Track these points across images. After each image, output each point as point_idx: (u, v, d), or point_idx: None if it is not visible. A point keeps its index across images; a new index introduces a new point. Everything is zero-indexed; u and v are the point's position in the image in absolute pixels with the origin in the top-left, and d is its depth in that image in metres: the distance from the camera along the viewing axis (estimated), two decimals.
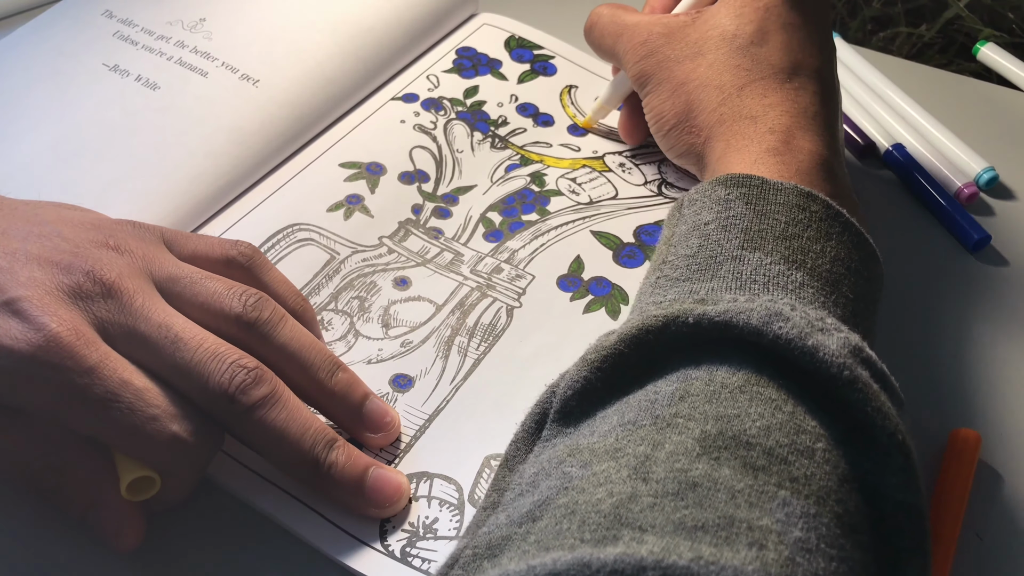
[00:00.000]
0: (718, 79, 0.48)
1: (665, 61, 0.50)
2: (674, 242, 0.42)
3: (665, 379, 0.35)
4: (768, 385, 0.34)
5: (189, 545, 0.42)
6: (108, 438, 0.38)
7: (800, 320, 0.35)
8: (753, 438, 0.32)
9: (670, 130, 0.50)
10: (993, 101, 0.64)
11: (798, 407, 0.34)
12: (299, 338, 0.42)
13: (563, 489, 0.32)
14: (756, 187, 0.42)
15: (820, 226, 0.41)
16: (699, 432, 0.32)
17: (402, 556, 0.40)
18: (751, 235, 0.40)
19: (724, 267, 0.39)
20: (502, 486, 0.36)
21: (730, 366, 0.35)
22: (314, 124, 0.57)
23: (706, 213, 0.42)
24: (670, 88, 0.50)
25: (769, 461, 0.32)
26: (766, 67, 0.48)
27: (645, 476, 0.31)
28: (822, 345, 0.34)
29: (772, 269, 0.39)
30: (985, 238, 0.55)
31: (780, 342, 0.34)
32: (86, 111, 0.55)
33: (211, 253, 0.44)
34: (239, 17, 0.60)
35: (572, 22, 0.66)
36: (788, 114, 0.46)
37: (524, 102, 0.60)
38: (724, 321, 0.35)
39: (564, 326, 0.48)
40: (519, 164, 0.56)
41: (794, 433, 0.33)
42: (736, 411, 0.33)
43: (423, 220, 0.53)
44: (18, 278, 0.38)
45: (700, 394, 0.34)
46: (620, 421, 0.34)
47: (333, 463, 0.40)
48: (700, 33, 0.50)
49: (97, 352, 0.37)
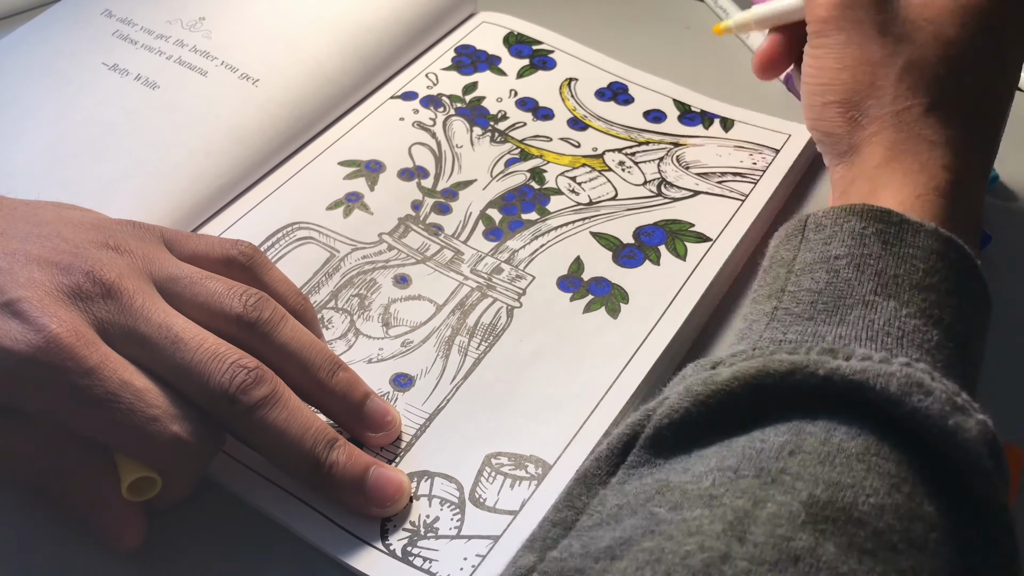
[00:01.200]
0: (915, 81, 0.43)
1: (866, 21, 0.44)
2: (796, 270, 0.39)
3: (775, 429, 0.32)
4: (889, 458, 0.31)
5: (189, 545, 0.42)
6: (109, 439, 0.38)
7: (941, 395, 0.32)
8: (864, 515, 0.30)
9: (829, 103, 0.44)
10: None
11: (917, 488, 0.31)
12: (299, 338, 0.42)
13: (649, 532, 0.30)
14: (895, 225, 0.38)
15: (957, 279, 0.38)
16: (807, 496, 0.30)
17: (403, 555, 0.40)
18: (885, 279, 0.37)
19: (854, 312, 0.36)
20: (577, 505, 0.33)
21: (850, 429, 0.32)
22: (314, 123, 0.57)
23: (836, 245, 0.38)
24: (854, 57, 0.44)
25: (877, 546, 0.29)
26: (966, 94, 0.43)
27: (742, 536, 0.29)
28: (961, 428, 0.32)
29: (907, 323, 0.36)
30: (985, 238, 0.55)
31: (918, 416, 0.32)
32: (85, 110, 0.55)
33: (211, 253, 0.44)
34: (238, 16, 0.60)
35: (571, 19, 0.66)
36: (964, 155, 0.42)
37: (524, 96, 0.60)
38: (859, 382, 0.32)
39: (564, 326, 0.48)
40: (519, 159, 0.56)
41: (909, 519, 0.30)
42: (851, 480, 0.30)
43: (423, 216, 0.53)
44: (18, 279, 0.38)
45: (813, 453, 0.31)
46: (719, 465, 0.32)
47: (334, 462, 0.40)
48: (914, 15, 0.44)
49: (97, 353, 0.37)
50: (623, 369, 0.46)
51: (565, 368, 0.46)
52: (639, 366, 0.46)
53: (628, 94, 0.60)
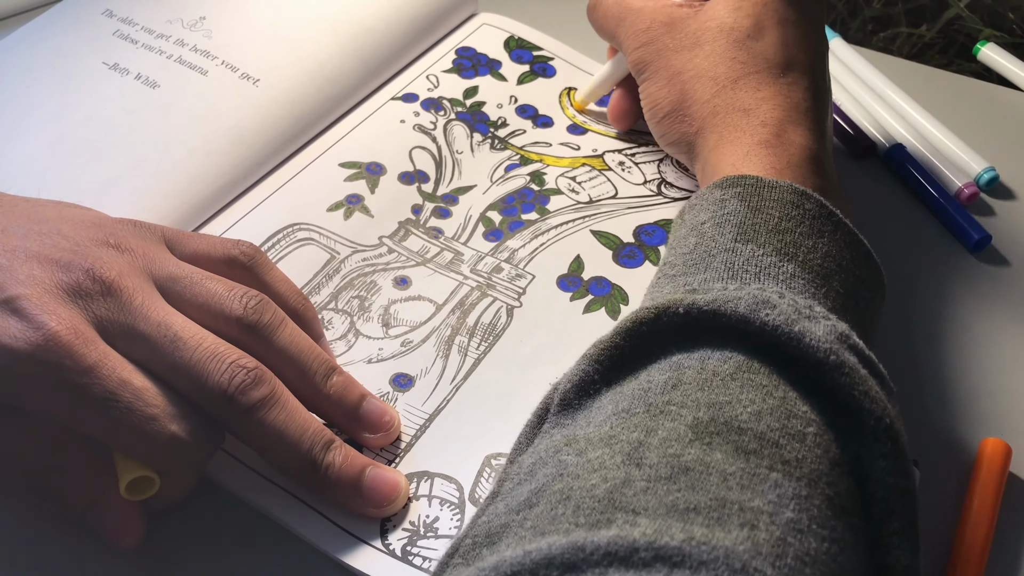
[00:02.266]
0: (713, 70, 0.49)
1: (664, 50, 0.51)
2: (674, 245, 0.43)
3: (658, 368, 0.36)
4: (759, 372, 0.35)
5: (189, 544, 0.42)
6: (107, 437, 0.38)
7: (787, 307, 0.35)
8: (744, 423, 0.33)
9: (663, 118, 0.50)
10: (993, 101, 0.64)
11: (789, 393, 0.34)
12: (298, 342, 0.42)
13: (558, 476, 0.33)
14: (751, 185, 0.42)
15: (813, 223, 0.41)
16: (691, 419, 0.33)
17: (403, 555, 0.40)
18: (744, 228, 0.41)
19: (717, 259, 0.40)
20: (502, 477, 0.37)
21: (721, 354, 0.35)
22: (314, 124, 0.57)
23: (703, 214, 0.42)
24: (666, 77, 0.50)
25: (760, 445, 0.32)
26: (761, 61, 0.48)
27: (638, 461, 0.32)
28: (808, 331, 0.35)
29: (764, 260, 0.39)
30: (986, 238, 0.55)
31: (767, 329, 0.35)
32: (86, 109, 0.55)
33: (212, 252, 0.44)
34: (239, 16, 0.60)
35: (571, 22, 0.66)
36: (781, 108, 0.47)
37: (523, 103, 0.60)
38: (713, 310, 0.36)
39: (564, 326, 0.48)
40: (519, 164, 0.56)
41: (785, 418, 0.33)
42: (727, 398, 0.34)
43: (423, 220, 0.53)
44: (17, 276, 0.38)
45: (692, 382, 0.34)
46: (614, 410, 0.35)
47: (330, 464, 0.40)
48: (699, 24, 0.50)
49: (96, 351, 0.37)
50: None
51: (565, 368, 0.46)
52: None
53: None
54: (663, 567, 0.28)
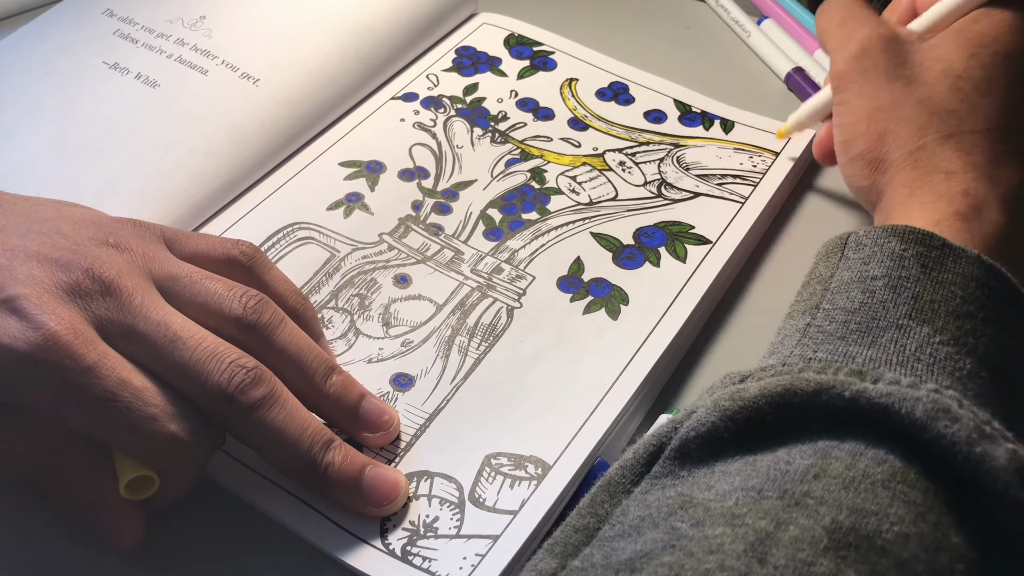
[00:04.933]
0: (925, 119, 0.44)
1: (874, 71, 0.46)
2: (832, 288, 0.39)
3: (800, 450, 0.32)
4: (915, 486, 0.31)
5: (189, 544, 0.42)
6: (107, 437, 0.38)
7: (968, 422, 0.31)
8: (888, 544, 0.29)
9: (856, 156, 0.46)
10: None
11: (944, 518, 0.31)
12: (297, 342, 0.42)
13: (669, 546, 0.30)
14: (936, 249, 0.38)
15: (997, 307, 0.37)
16: (829, 521, 0.29)
17: (403, 554, 0.40)
18: (921, 304, 0.37)
19: (887, 335, 0.36)
20: (600, 513, 0.34)
21: (875, 453, 0.32)
22: (314, 123, 0.57)
23: (875, 266, 0.38)
24: (868, 109, 0.45)
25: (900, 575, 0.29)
26: (982, 120, 0.43)
27: (762, 557, 0.29)
28: (989, 456, 0.31)
29: (940, 351, 0.35)
30: None
31: (943, 442, 0.31)
32: (86, 109, 0.55)
33: (212, 252, 0.44)
34: (239, 15, 0.60)
35: (572, 21, 0.66)
36: (988, 180, 0.42)
37: (524, 97, 0.60)
38: (885, 405, 0.32)
39: (564, 326, 0.48)
40: (519, 159, 0.56)
41: (934, 549, 0.30)
42: (875, 507, 0.30)
43: (423, 216, 0.53)
44: (17, 276, 0.38)
45: (838, 477, 0.31)
46: (743, 485, 0.32)
47: (330, 463, 0.40)
48: (922, 58, 0.45)
49: (95, 351, 0.37)
50: (623, 371, 0.46)
51: (565, 369, 0.46)
52: (638, 368, 0.46)
53: (629, 94, 0.60)
54: None
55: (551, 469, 0.43)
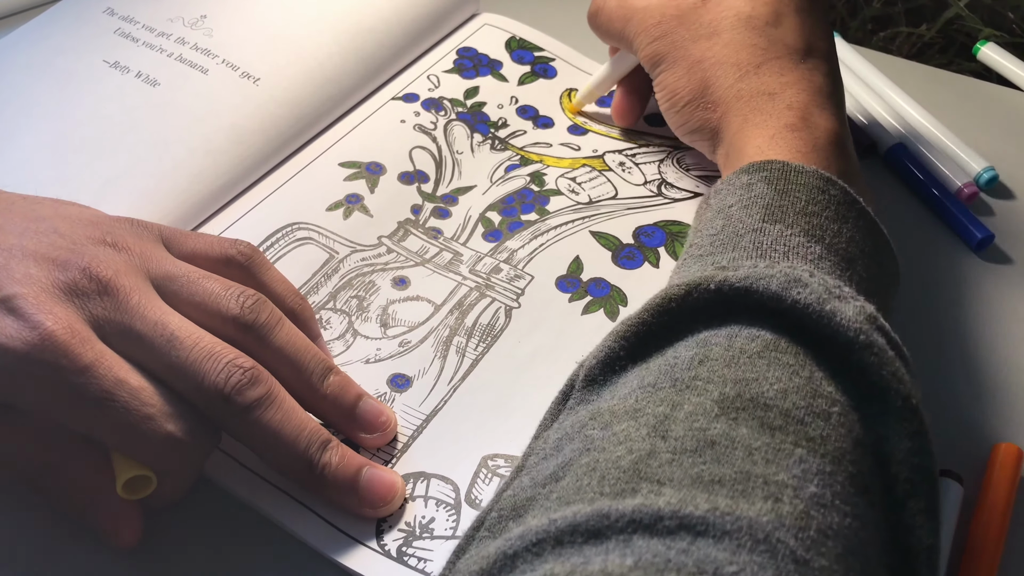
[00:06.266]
0: (735, 57, 0.49)
1: (680, 41, 0.51)
2: (699, 227, 0.44)
3: (685, 345, 0.36)
4: (786, 351, 0.35)
5: (187, 544, 0.42)
6: (104, 437, 0.38)
7: (818, 286, 0.36)
8: (770, 400, 0.33)
9: (684, 106, 0.51)
10: (993, 101, 0.64)
11: (815, 372, 0.35)
12: (294, 342, 0.42)
13: (585, 450, 0.33)
14: (778, 169, 0.43)
15: (838, 209, 0.42)
16: (717, 394, 0.33)
17: (398, 555, 0.40)
18: (772, 210, 0.41)
19: (745, 239, 0.40)
20: (528, 452, 0.37)
21: (749, 332, 0.36)
22: (314, 123, 0.57)
23: (729, 197, 0.43)
24: (685, 66, 0.50)
25: (786, 421, 0.33)
26: (781, 47, 0.49)
27: (664, 434, 0.32)
28: (839, 311, 0.35)
29: (792, 240, 0.40)
30: (988, 237, 0.55)
31: (798, 307, 0.35)
32: (86, 108, 0.55)
33: (210, 252, 0.44)
34: (240, 15, 0.60)
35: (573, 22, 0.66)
36: (805, 92, 0.47)
37: (524, 104, 0.60)
38: (744, 286, 0.36)
39: (562, 327, 0.48)
40: (519, 164, 0.56)
41: (811, 396, 0.34)
42: (754, 375, 0.34)
43: (422, 220, 0.53)
44: (14, 275, 0.38)
45: (719, 359, 0.35)
46: (640, 384, 0.35)
47: (327, 464, 0.40)
48: (714, 14, 0.51)
49: (93, 350, 0.37)
50: None
51: (563, 370, 0.46)
52: None
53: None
54: (687, 535, 0.28)
55: None
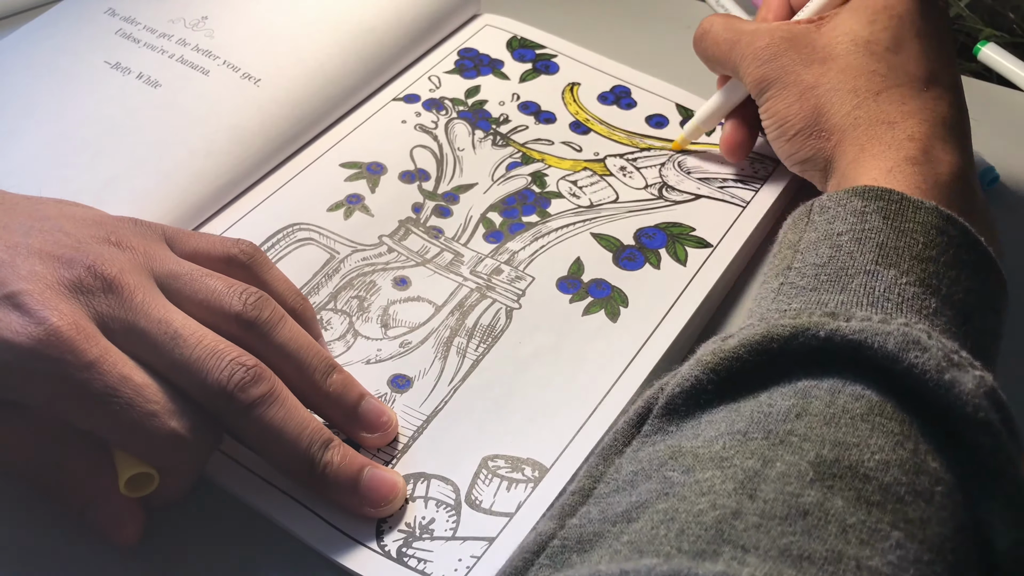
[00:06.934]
0: (852, 83, 0.47)
1: (791, 65, 0.49)
2: (802, 249, 0.41)
3: (781, 393, 0.34)
4: (892, 417, 0.33)
5: (188, 544, 0.42)
6: (107, 433, 0.38)
7: (937, 351, 0.33)
8: (871, 471, 0.31)
9: (796, 135, 0.48)
10: (993, 101, 0.64)
11: (921, 444, 0.32)
12: (297, 339, 0.42)
13: (663, 494, 0.31)
14: (895, 202, 0.40)
15: (957, 252, 0.39)
16: (814, 455, 0.31)
17: (398, 556, 0.40)
18: (886, 251, 0.39)
19: (856, 280, 0.38)
20: (595, 475, 0.35)
21: (853, 390, 0.33)
22: (315, 124, 0.57)
23: (840, 223, 0.40)
24: (797, 92, 0.48)
25: (885, 498, 0.30)
26: (902, 74, 0.47)
27: (752, 493, 0.30)
28: (958, 382, 0.33)
29: (907, 290, 0.37)
30: None
31: (914, 372, 0.33)
32: (87, 108, 0.55)
33: (212, 251, 0.44)
34: (241, 16, 0.60)
35: (575, 23, 0.66)
36: (927, 123, 0.45)
37: (526, 100, 0.60)
38: (858, 341, 0.34)
39: (563, 328, 0.48)
40: (520, 163, 0.56)
41: (914, 472, 0.31)
42: (856, 439, 0.32)
43: (423, 219, 0.53)
44: (19, 272, 0.38)
45: (819, 415, 0.32)
46: (729, 429, 0.33)
47: (328, 463, 0.40)
48: (828, 39, 0.49)
49: (97, 347, 0.37)
50: (621, 373, 0.46)
51: (563, 371, 0.46)
52: (637, 370, 0.46)
53: (631, 98, 0.60)
54: None
55: (548, 472, 0.43)
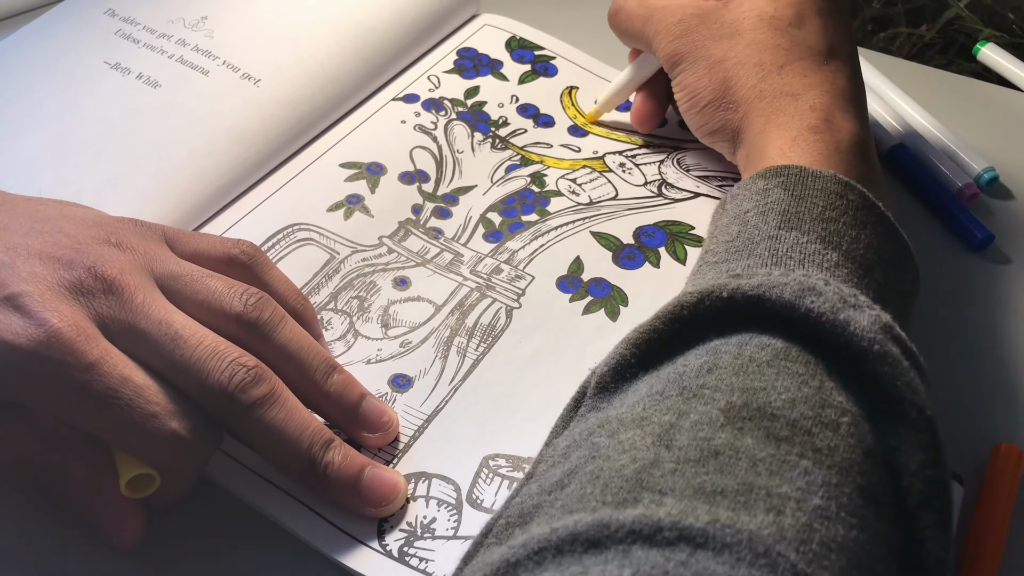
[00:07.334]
0: (758, 57, 0.49)
1: (700, 40, 0.51)
2: (715, 233, 0.43)
3: (695, 353, 0.36)
4: (796, 360, 0.34)
5: (189, 545, 0.42)
6: (108, 435, 0.38)
7: (833, 295, 0.35)
8: (778, 410, 0.33)
9: (705, 106, 0.50)
10: (993, 101, 0.64)
11: (826, 382, 0.34)
12: (298, 339, 0.42)
13: (591, 458, 0.33)
14: (795, 175, 0.42)
15: (856, 214, 0.41)
16: (724, 403, 0.33)
17: (400, 556, 0.40)
18: (788, 216, 0.41)
19: (761, 246, 0.40)
20: (538, 460, 0.37)
21: (759, 340, 0.35)
22: (315, 124, 0.57)
23: (746, 203, 0.43)
24: (706, 65, 0.50)
25: (792, 432, 0.32)
26: (804, 48, 0.49)
27: (668, 443, 0.32)
28: (853, 320, 0.35)
29: (808, 247, 0.39)
30: (989, 237, 0.55)
31: (812, 315, 0.35)
32: (87, 109, 0.55)
33: (212, 251, 0.44)
34: (241, 16, 0.60)
35: (574, 23, 0.66)
36: (828, 94, 0.47)
37: (525, 103, 0.60)
38: (758, 295, 0.36)
39: (563, 327, 0.48)
40: (519, 164, 0.56)
41: (819, 407, 0.33)
42: (763, 384, 0.34)
43: (423, 220, 0.53)
44: (19, 273, 0.38)
45: (728, 367, 0.34)
46: (648, 392, 0.35)
47: (329, 463, 0.40)
48: (736, 14, 0.50)
49: (98, 348, 0.37)
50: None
51: (564, 370, 0.46)
52: None
53: (629, 101, 0.60)
54: (686, 547, 0.28)
55: None
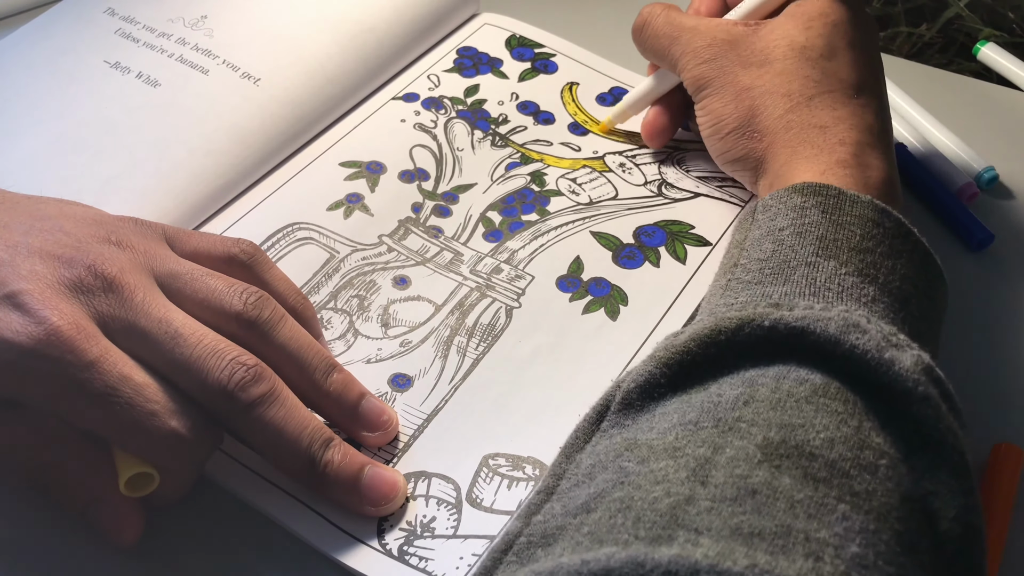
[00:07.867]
0: (787, 87, 0.48)
1: (729, 66, 0.50)
2: (747, 246, 0.43)
3: (730, 382, 0.35)
4: (835, 397, 0.34)
5: (189, 544, 0.42)
6: (107, 433, 0.39)
7: (876, 334, 0.35)
8: (816, 449, 0.32)
9: (729, 133, 0.50)
10: (993, 101, 0.64)
11: (864, 422, 0.34)
12: (298, 338, 0.42)
13: (619, 483, 0.33)
14: (833, 197, 0.42)
15: (892, 243, 0.41)
16: (761, 439, 0.32)
17: (399, 555, 0.40)
18: (826, 243, 0.40)
19: (798, 272, 0.39)
20: (558, 472, 0.36)
21: (798, 374, 0.35)
22: (315, 123, 0.57)
23: (781, 219, 0.42)
24: (733, 92, 0.50)
25: (831, 474, 0.32)
26: (835, 81, 0.48)
27: (704, 479, 0.31)
28: (897, 360, 0.34)
29: (846, 280, 0.39)
30: (989, 237, 0.55)
31: (856, 353, 0.34)
32: (87, 108, 0.55)
33: (212, 250, 0.44)
34: (240, 15, 0.60)
35: (574, 22, 0.66)
36: (856, 128, 0.46)
37: (525, 100, 0.60)
38: (801, 327, 0.35)
39: (563, 327, 0.48)
40: (519, 163, 0.56)
41: (858, 448, 0.33)
42: (801, 421, 0.33)
43: (423, 218, 0.53)
44: (20, 271, 0.38)
45: (765, 400, 0.34)
46: (681, 420, 0.34)
47: (329, 461, 0.40)
48: (766, 42, 0.50)
49: (98, 346, 0.38)
50: (622, 371, 0.46)
51: (563, 369, 0.46)
52: None
53: None
54: None
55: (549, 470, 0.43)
